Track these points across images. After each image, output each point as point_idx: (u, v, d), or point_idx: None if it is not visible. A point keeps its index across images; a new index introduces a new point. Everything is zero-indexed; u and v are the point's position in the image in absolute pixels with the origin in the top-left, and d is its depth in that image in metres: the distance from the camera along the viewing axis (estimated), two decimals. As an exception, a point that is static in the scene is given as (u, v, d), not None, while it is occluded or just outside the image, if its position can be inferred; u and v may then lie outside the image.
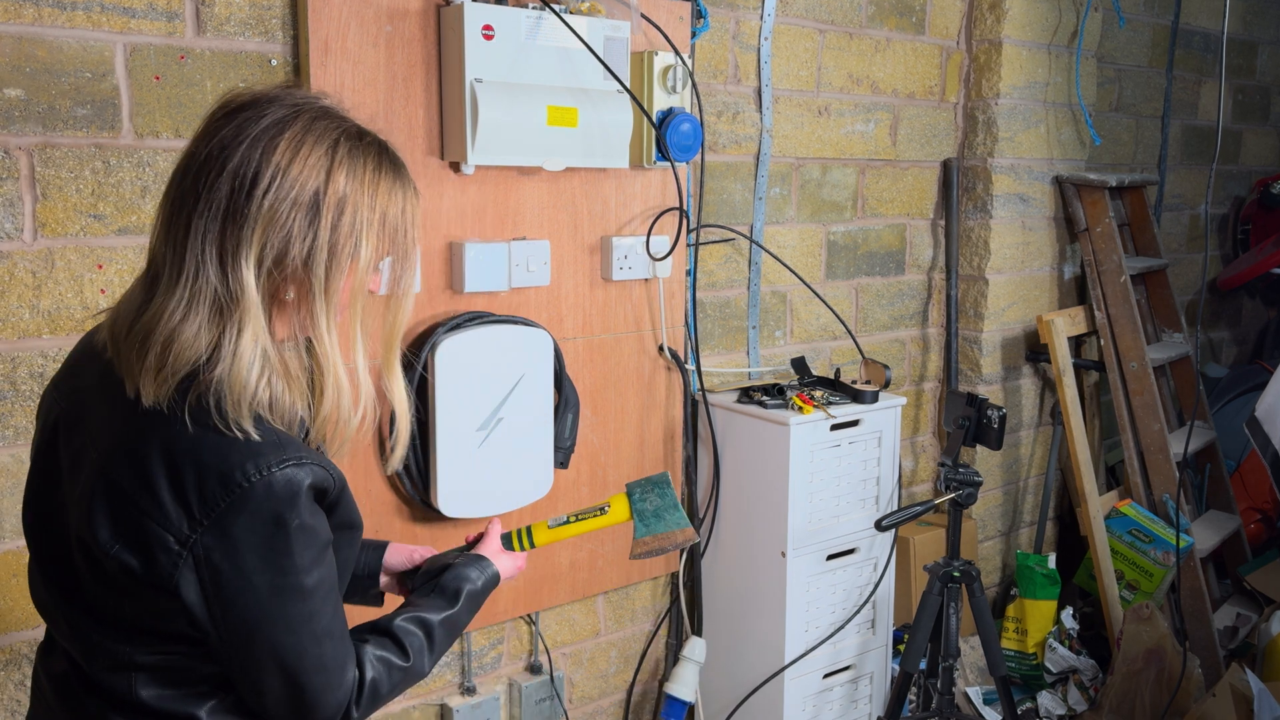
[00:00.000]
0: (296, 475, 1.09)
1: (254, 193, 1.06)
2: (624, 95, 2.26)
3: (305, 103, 1.13)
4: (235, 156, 1.07)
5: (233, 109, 1.11)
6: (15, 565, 1.84)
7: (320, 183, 1.09)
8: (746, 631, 2.63)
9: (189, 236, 1.07)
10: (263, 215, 1.07)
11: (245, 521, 1.07)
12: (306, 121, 1.11)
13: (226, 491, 1.06)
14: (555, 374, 2.30)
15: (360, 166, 1.12)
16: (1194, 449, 3.37)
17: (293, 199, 1.08)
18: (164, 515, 1.06)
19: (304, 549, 1.10)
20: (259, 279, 1.08)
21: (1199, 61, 4.09)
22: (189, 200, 1.07)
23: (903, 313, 3.20)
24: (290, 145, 1.08)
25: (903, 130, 3.08)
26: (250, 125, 1.08)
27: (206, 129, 1.11)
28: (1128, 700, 2.86)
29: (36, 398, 1.82)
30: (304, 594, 1.11)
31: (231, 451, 1.07)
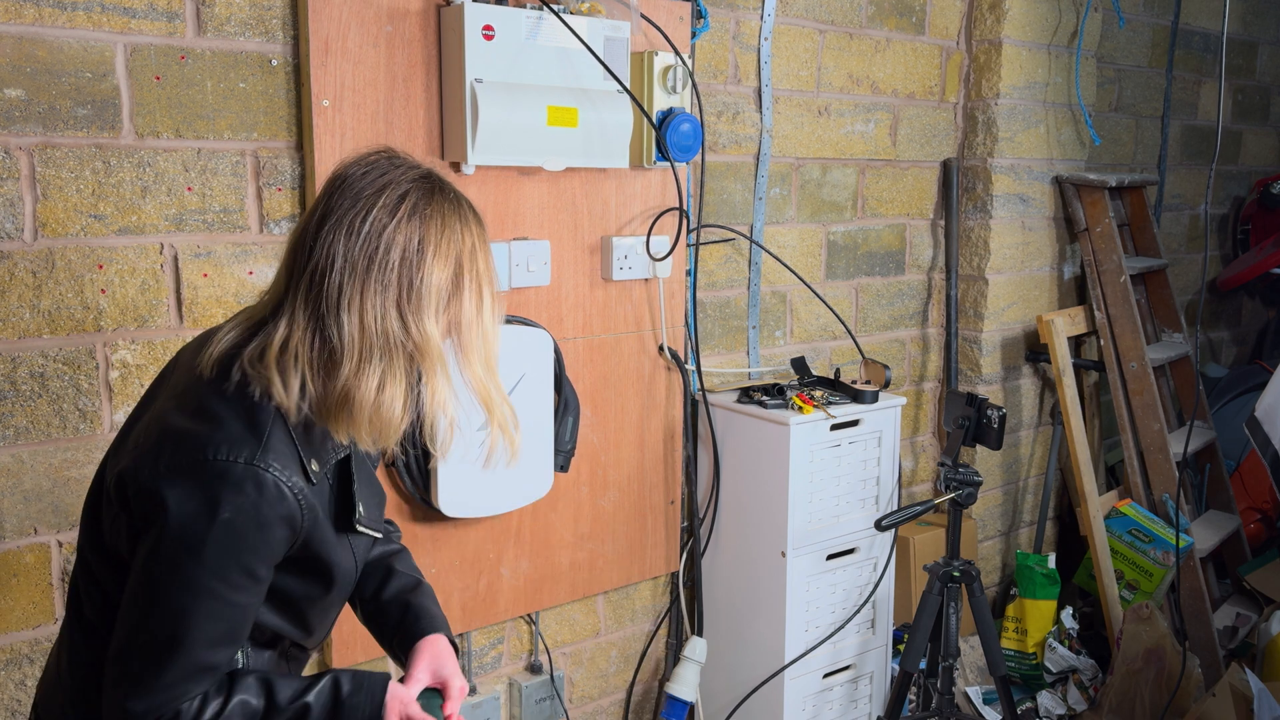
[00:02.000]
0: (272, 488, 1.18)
1: (424, 261, 1.19)
2: (624, 95, 2.26)
3: (416, 167, 1.26)
4: (401, 231, 1.19)
5: (358, 185, 1.22)
6: (15, 565, 1.84)
7: (459, 247, 1.22)
8: (746, 631, 2.64)
9: (364, 302, 1.18)
10: (432, 281, 1.20)
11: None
12: (437, 189, 1.24)
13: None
14: (555, 376, 2.30)
15: (477, 225, 1.27)
16: (1194, 449, 3.38)
17: (448, 264, 1.21)
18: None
19: (235, 554, 1.17)
20: (440, 331, 1.22)
21: (1199, 61, 4.09)
22: (358, 272, 1.18)
23: (903, 313, 3.20)
24: (435, 215, 1.21)
25: (903, 130, 3.08)
26: (395, 200, 1.20)
27: (343, 201, 1.21)
28: (1127, 700, 2.86)
29: (36, 398, 1.82)
30: (202, 589, 1.16)
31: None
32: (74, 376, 1.86)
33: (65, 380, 1.85)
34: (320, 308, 1.18)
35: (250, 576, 1.19)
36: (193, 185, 1.93)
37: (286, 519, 1.19)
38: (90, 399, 1.88)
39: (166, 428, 1.19)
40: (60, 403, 1.85)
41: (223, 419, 1.18)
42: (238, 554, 1.17)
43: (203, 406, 1.19)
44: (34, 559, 1.86)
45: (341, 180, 1.23)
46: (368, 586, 1.48)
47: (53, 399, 1.84)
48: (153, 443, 1.19)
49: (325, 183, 1.25)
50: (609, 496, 2.52)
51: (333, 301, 1.18)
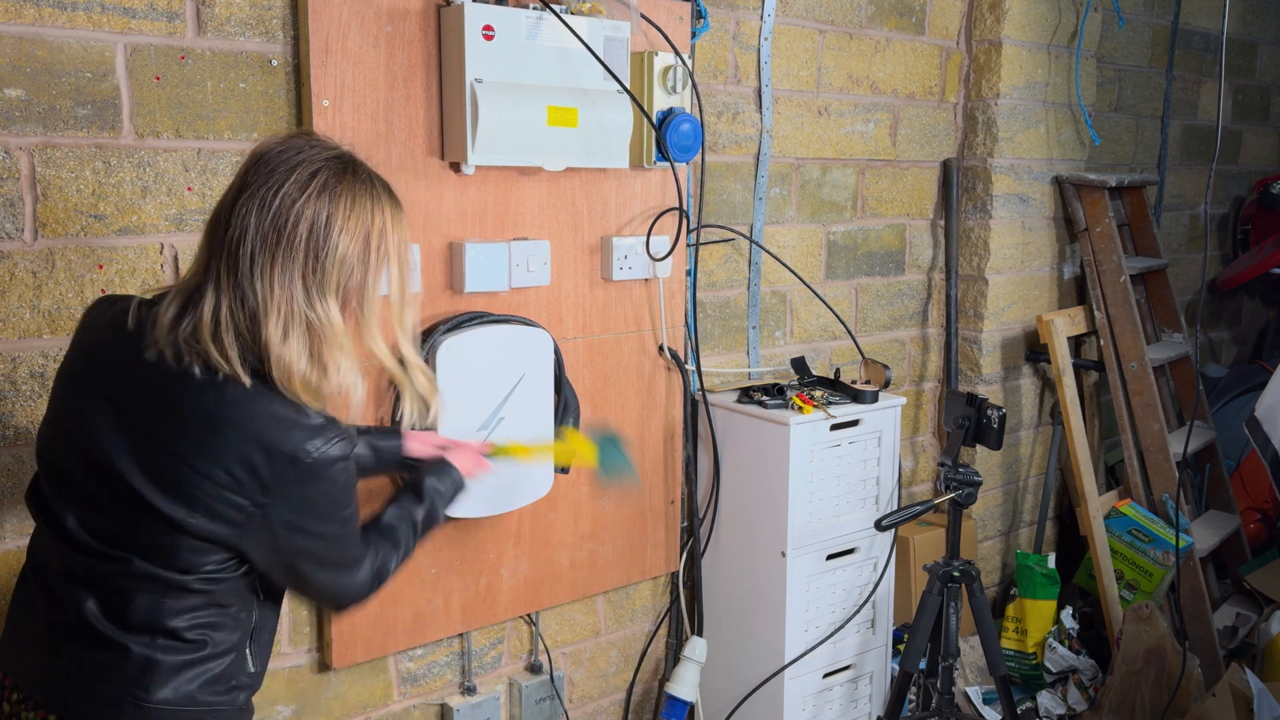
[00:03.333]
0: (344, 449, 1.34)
1: (330, 238, 1.27)
2: (624, 95, 2.26)
3: (332, 149, 1.33)
4: (309, 206, 1.27)
5: (274, 162, 1.29)
6: (15, 565, 1.84)
7: (367, 224, 1.31)
8: (746, 631, 2.64)
9: (274, 272, 1.26)
10: (338, 256, 1.28)
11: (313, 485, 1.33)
12: (349, 169, 1.32)
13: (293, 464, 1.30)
14: (555, 378, 2.30)
15: (390, 205, 1.35)
16: (1194, 449, 3.38)
17: (356, 240, 1.30)
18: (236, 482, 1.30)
19: (347, 495, 1.38)
20: (340, 307, 1.31)
21: (1199, 61, 4.09)
22: (268, 243, 1.26)
23: (902, 313, 3.20)
24: (345, 191, 1.30)
25: (903, 130, 3.08)
26: (306, 177, 1.28)
27: (258, 176, 1.28)
28: (1127, 700, 2.86)
29: (37, 398, 1.82)
30: (345, 522, 1.40)
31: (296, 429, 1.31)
32: (74, 376, 1.86)
33: (65, 380, 1.85)
34: (237, 276, 1.26)
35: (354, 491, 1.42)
36: (193, 185, 1.93)
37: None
38: (90, 399, 1.87)
39: (227, 442, 1.27)
40: (60, 403, 1.85)
41: (272, 409, 1.30)
42: (350, 485, 1.39)
43: (231, 403, 1.28)
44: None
45: (259, 157, 1.30)
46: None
47: (53, 399, 1.84)
48: (226, 470, 1.27)
49: (244, 159, 1.32)
50: (609, 496, 2.52)
51: (246, 269, 1.26)
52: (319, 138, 1.34)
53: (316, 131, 1.35)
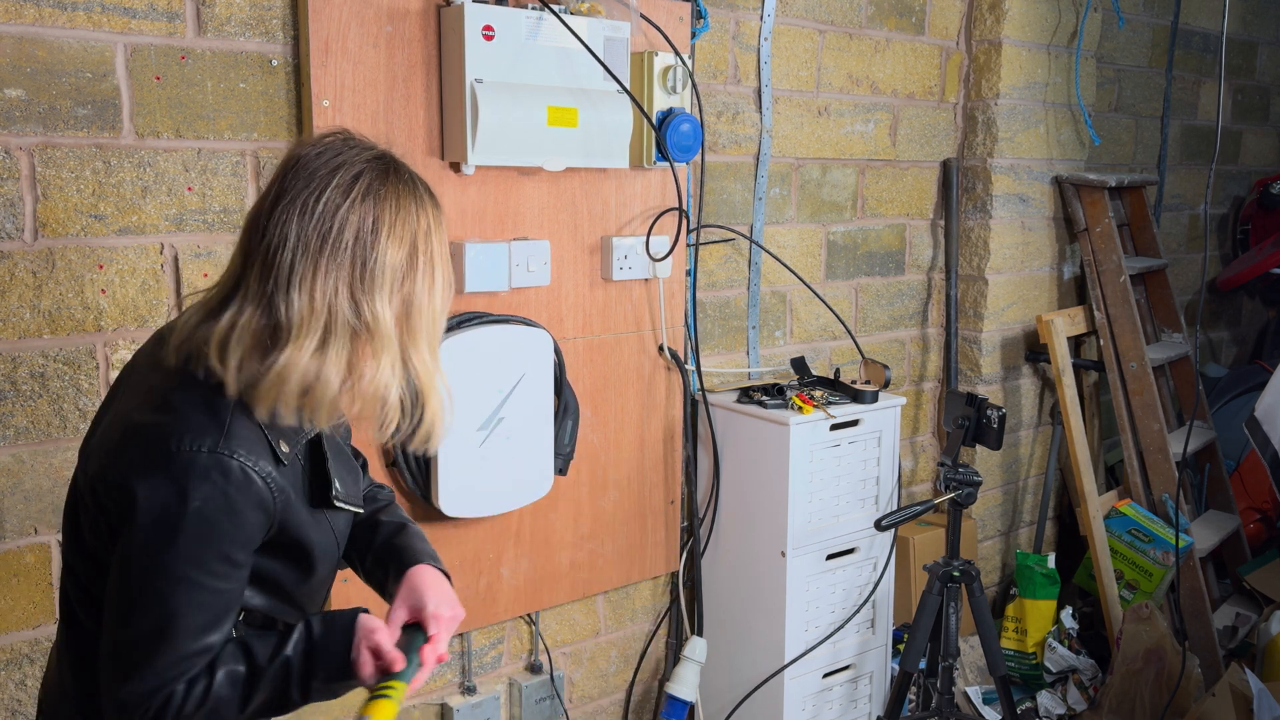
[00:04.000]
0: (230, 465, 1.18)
1: (379, 242, 1.19)
2: (624, 95, 2.26)
3: (372, 148, 1.25)
4: (354, 211, 1.18)
5: (312, 165, 1.21)
6: (16, 565, 1.84)
7: (414, 228, 1.22)
8: (746, 631, 2.64)
9: (315, 281, 1.17)
10: (386, 262, 1.19)
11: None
12: (392, 170, 1.24)
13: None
14: (555, 379, 2.30)
15: (433, 207, 1.27)
16: (1193, 449, 3.38)
17: (403, 246, 1.21)
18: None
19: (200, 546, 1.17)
20: (392, 313, 1.21)
21: (1198, 61, 4.09)
22: (310, 252, 1.17)
23: (902, 313, 3.20)
24: (390, 194, 1.21)
25: (902, 130, 3.08)
26: (349, 180, 1.20)
27: (297, 181, 1.20)
28: (1127, 700, 2.86)
29: (37, 398, 1.82)
30: (168, 586, 1.17)
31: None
32: (74, 376, 1.86)
33: (65, 380, 1.85)
34: (269, 285, 1.18)
35: (229, 563, 1.19)
36: (193, 185, 1.93)
37: (258, 504, 1.19)
38: (90, 399, 1.88)
39: (129, 425, 1.20)
40: (60, 403, 1.85)
41: (182, 409, 1.18)
42: (213, 542, 1.17)
43: (163, 400, 1.20)
44: (34, 559, 1.86)
45: (296, 161, 1.22)
46: (360, 547, 1.48)
47: (53, 399, 1.84)
48: (116, 441, 1.20)
49: (279, 163, 1.24)
50: (609, 496, 2.52)
51: (283, 279, 1.17)
52: (357, 137, 1.26)
53: (352, 131, 1.27)
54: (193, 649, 1.19)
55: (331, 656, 1.26)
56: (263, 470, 1.20)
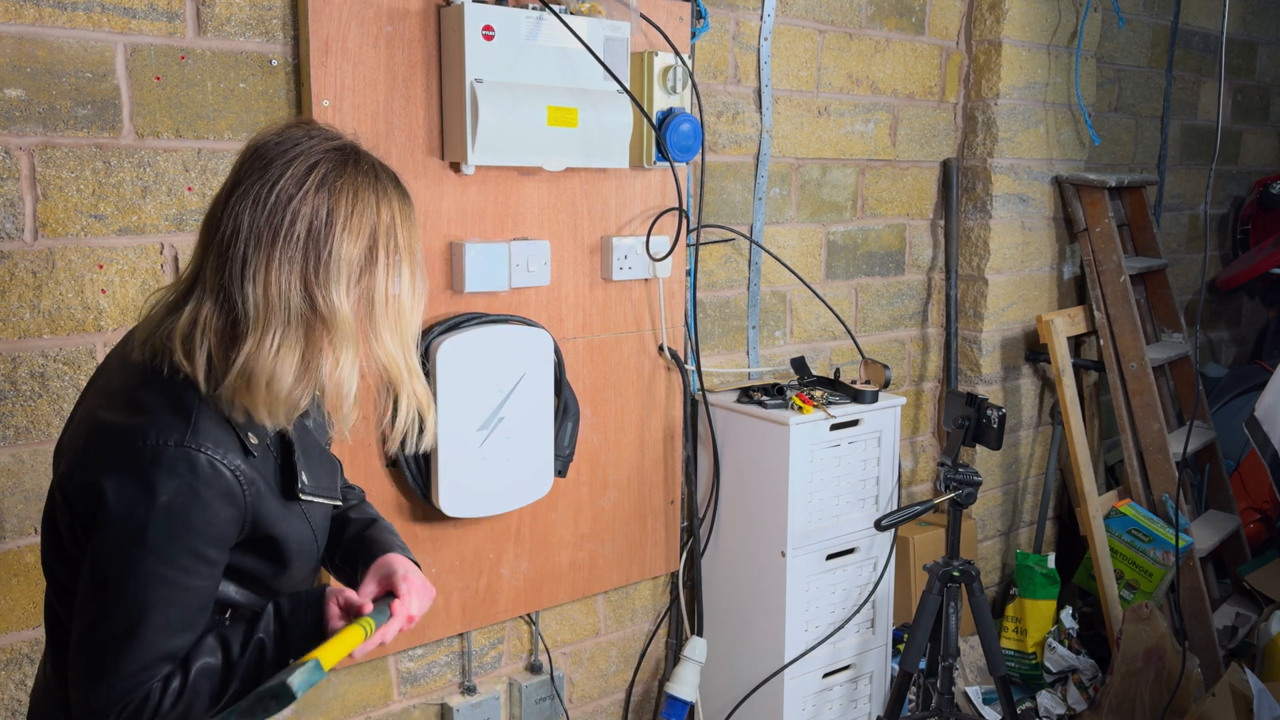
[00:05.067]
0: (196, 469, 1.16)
1: (334, 232, 1.16)
2: (624, 95, 2.26)
3: (333, 139, 1.22)
4: (307, 203, 1.16)
5: (269, 155, 1.19)
6: (15, 565, 1.84)
7: (374, 218, 1.20)
8: (746, 631, 2.64)
9: (269, 273, 1.15)
10: (341, 252, 1.17)
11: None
12: (351, 159, 1.21)
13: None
14: (555, 380, 2.30)
15: (399, 198, 1.24)
16: (1193, 449, 3.38)
17: (361, 237, 1.18)
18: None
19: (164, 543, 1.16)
20: (350, 305, 1.18)
21: (1199, 61, 4.09)
22: (263, 243, 1.15)
23: (902, 313, 3.20)
24: (348, 186, 1.18)
25: (902, 130, 3.08)
26: (304, 170, 1.17)
27: (252, 171, 1.18)
28: (1127, 700, 2.86)
29: (37, 398, 1.82)
30: (135, 587, 1.15)
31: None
32: (74, 376, 1.86)
33: (65, 380, 1.85)
34: (224, 278, 1.16)
35: (199, 559, 1.18)
36: (193, 185, 1.93)
37: (226, 496, 1.18)
38: (90, 399, 1.88)
39: (96, 423, 1.19)
40: (60, 403, 1.85)
41: (148, 405, 1.17)
42: (182, 538, 1.16)
43: (129, 397, 1.19)
44: (34, 559, 1.86)
45: (254, 150, 1.20)
46: (331, 543, 1.46)
47: (53, 399, 1.84)
48: (83, 440, 1.19)
49: (240, 153, 1.22)
50: (609, 496, 2.52)
51: (236, 272, 1.15)
52: (319, 127, 1.23)
53: (317, 120, 1.28)
54: (164, 649, 1.18)
55: (304, 631, 1.26)
56: (230, 463, 1.18)
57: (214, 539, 1.19)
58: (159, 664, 1.18)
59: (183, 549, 1.16)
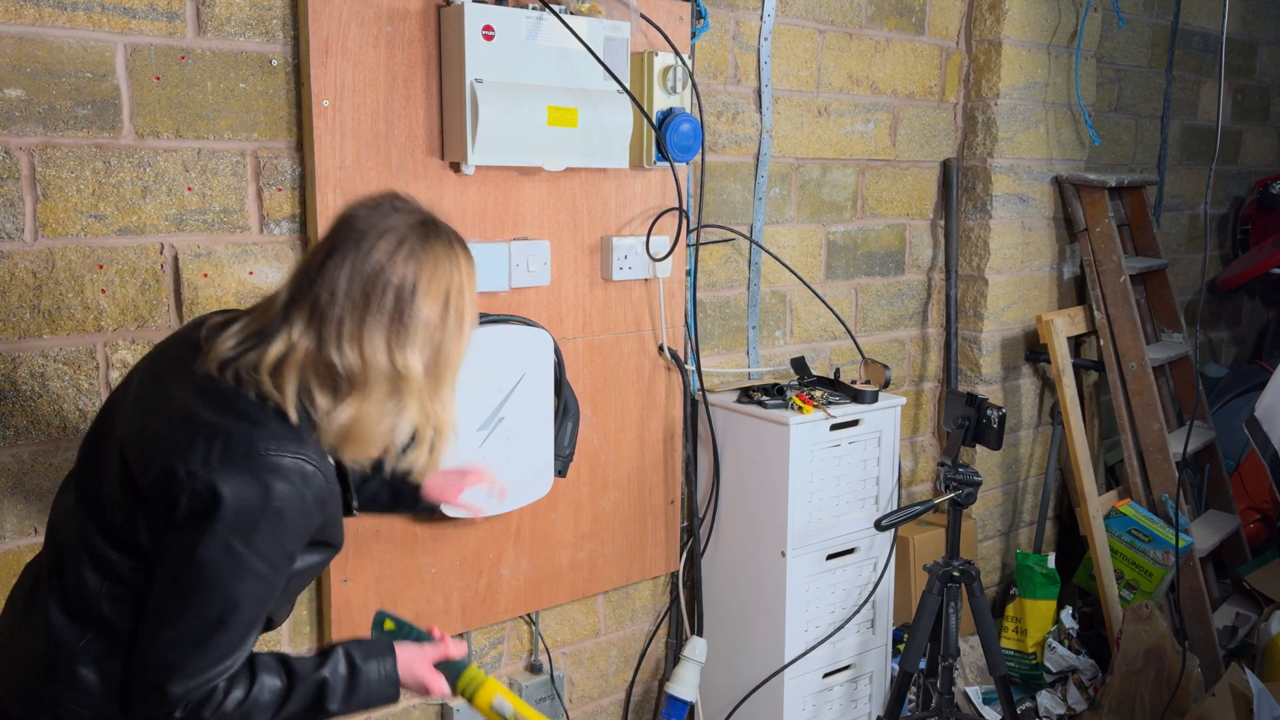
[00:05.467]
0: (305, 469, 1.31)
1: (416, 301, 1.32)
2: (624, 95, 2.26)
3: (418, 213, 1.38)
4: (395, 273, 1.31)
5: (362, 227, 1.34)
6: (16, 565, 1.84)
7: (446, 286, 1.35)
8: (746, 631, 2.64)
9: (362, 337, 1.31)
10: (422, 319, 1.33)
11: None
12: (432, 233, 1.36)
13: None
14: (555, 380, 2.30)
15: (466, 263, 1.39)
16: (1193, 449, 3.38)
17: (437, 303, 1.34)
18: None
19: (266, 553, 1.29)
20: (422, 363, 1.34)
21: (1199, 61, 4.09)
22: (357, 309, 1.31)
23: (902, 313, 3.20)
24: (429, 257, 1.34)
25: (902, 130, 3.08)
26: (394, 244, 1.33)
27: (347, 241, 1.33)
28: (1127, 700, 2.86)
29: (37, 398, 1.82)
30: (228, 589, 1.28)
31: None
32: (74, 376, 1.86)
33: (65, 380, 1.85)
34: (323, 334, 1.31)
35: (290, 559, 1.33)
36: (193, 185, 1.93)
37: (319, 504, 1.33)
38: (90, 399, 1.88)
39: (203, 423, 1.28)
40: (60, 403, 1.85)
41: (262, 418, 1.29)
42: (284, 539, 1.30)
43: (237, 406, 1.30)
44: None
45: (349, 219, 1.35)
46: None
47: (53, 399, 1.84)
48: (192, 438, 1.27)
49: (333, 219, 1.38)
50: (609, 496, 2.52)
51: (332, 334, 1.31)
52: (403, 199, 1.39)
53: (400, 193, 1.41)
54: (241, 641, 1.30)
55: (377, 679, 1.43)
56: (327, 472, 1.34)
57: (303, 540, 1.34)
58: (233, 656, 1.30)
59: (281, 549, 1.30)
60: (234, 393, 1.31)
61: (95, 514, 1.35)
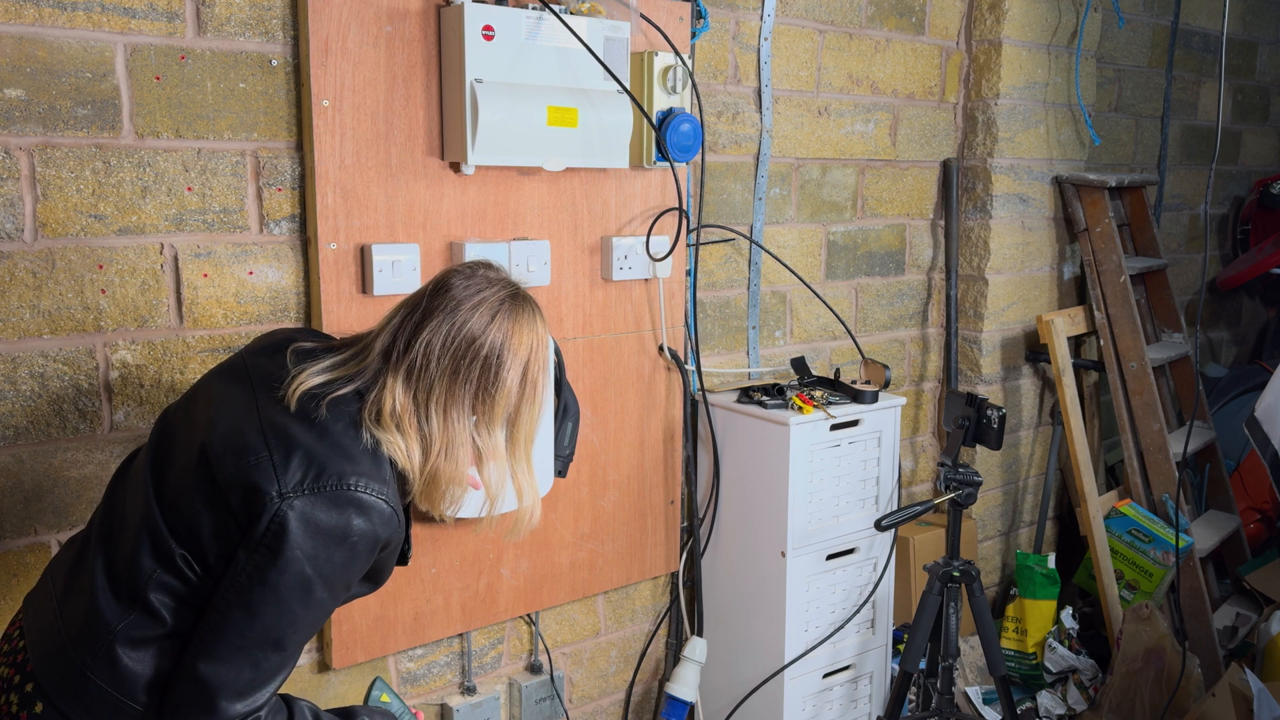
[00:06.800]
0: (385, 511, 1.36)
1: (500, 373, 1.42)
2: (624, 95, 2.26)
3: (509, 285, 1.47)
4: (485, 344, 1.41)
5: (458, 295, 1.43)
6: (15, 565, 1.84)
7: (527, 356, 1.45)
8: (746, 631, 2.64)
9: (448, 402, 1.41)
10: (505, 389, 1.43)
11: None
12: (520, 305, 1.46)
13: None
14: (555, 380, 2.29)
15: (544, 332, 1.48)
16: (1194, 449, 3.38)
17: (518, 373, 1.44)
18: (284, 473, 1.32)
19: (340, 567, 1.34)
20: (505, 433, 1.45)
21: (1199, 61, 4.09)
22: (447, 375, 1.40)
23: (902, 313, 3.20)
24: (515, 330, 1.43)
25: (902, 130, 3.08)
26: (488, 317, 1.42)
27: (444, 308, 1.42)
28: (1127, 700, 2.86)
29: (37, 398, 1.82)
30: (294, 619, 1.32)
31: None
32: (74, 376, 1.86)
33: (65, 380, 1.85)
34: (416, 395, 1.40)
35: (348, 589, 1.39)
36: (193, 185, 1.93)
37: (388, 541, 1.38)
38: (90, 399, 1.88)
39: (301, 446, 1.33)
40: (60, 403, 1.85)
41: (355, 455, 1.35)
42: (350, 572, 1.35)
43: (333, 438, 1.35)
44: (34, 559, 1.86)
45: (445, 287, 1.44)
46: None
47: (53, 399, 1.84)
48: (286, 457, 1.32)
49: (430, 282, 1.47)
50: (609, 496, 2.52)
51: (424, 398, 1.40)
52: (495, 269, 1.48)
53: (492, 262, 1.52)
54: (290, 662, 1.35)
55: None
56: (401, 517, 1.40)
57: (363, 573, 1.40)
58: (281, 675, 1.35)
59: (344, 581, 1.36)
60: (330, 423, 1.36)
61: (160, 501, 1.37)
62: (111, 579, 1.37)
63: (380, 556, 1.42)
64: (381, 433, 1.38)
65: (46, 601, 1.44)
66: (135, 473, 1.45)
